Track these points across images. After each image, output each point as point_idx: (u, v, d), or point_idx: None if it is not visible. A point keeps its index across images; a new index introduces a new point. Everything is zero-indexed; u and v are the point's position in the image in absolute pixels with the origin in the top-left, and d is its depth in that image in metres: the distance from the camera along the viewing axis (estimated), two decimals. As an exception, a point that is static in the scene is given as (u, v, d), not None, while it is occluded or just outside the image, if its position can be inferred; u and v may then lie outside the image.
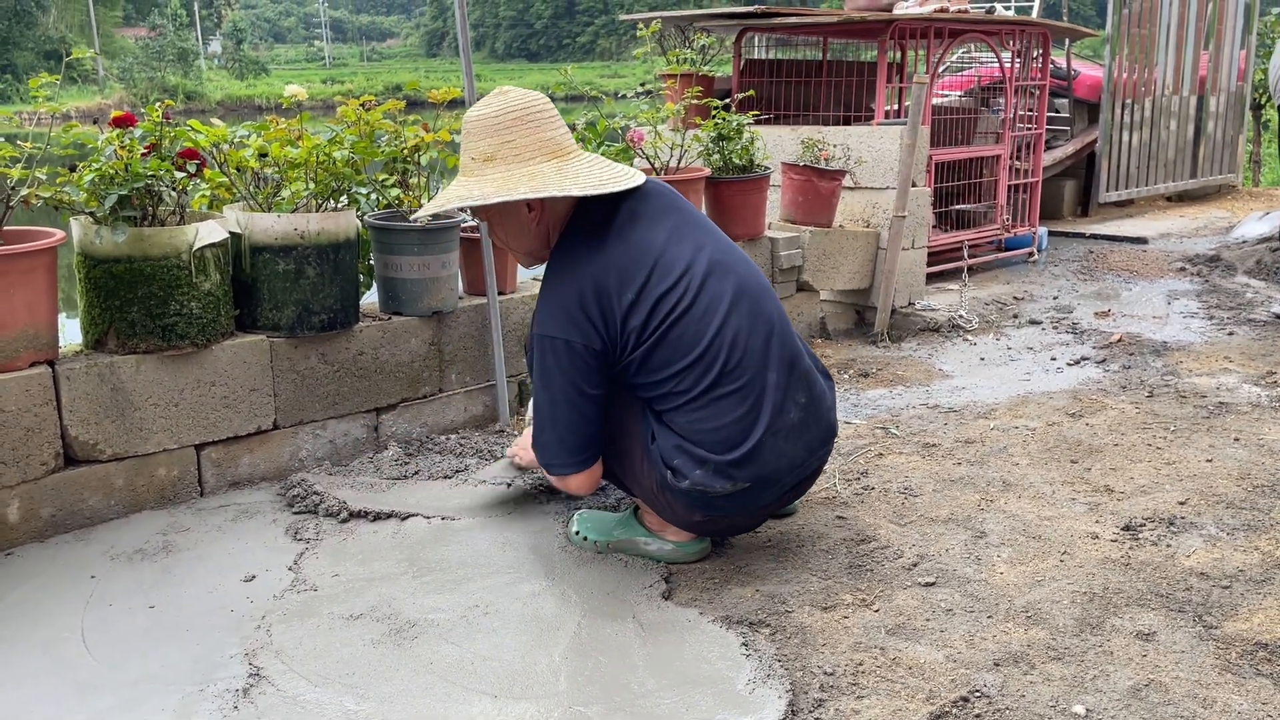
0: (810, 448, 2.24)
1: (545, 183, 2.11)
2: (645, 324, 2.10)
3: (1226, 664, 1.87)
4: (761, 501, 2.21)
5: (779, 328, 2.22)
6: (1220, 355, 3.77)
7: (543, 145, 2.16)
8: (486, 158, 2.16)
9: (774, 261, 4.04)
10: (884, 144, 4.37)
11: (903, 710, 1.76)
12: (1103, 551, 2.31)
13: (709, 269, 2.17)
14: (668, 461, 2.16)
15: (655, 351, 2.12)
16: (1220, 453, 2.82)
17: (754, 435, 2.12)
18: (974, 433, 3.11)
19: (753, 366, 2.14)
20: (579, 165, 2.18)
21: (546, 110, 2.20)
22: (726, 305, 2.15)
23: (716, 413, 2.13)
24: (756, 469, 2.14)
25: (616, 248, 2.13)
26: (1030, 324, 4.42)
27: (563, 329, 2.10)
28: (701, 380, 2.12)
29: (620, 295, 2.10)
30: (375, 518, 2.54)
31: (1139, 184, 6.81)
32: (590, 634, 2.01)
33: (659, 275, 2.12)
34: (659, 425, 2.18)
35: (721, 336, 2.12)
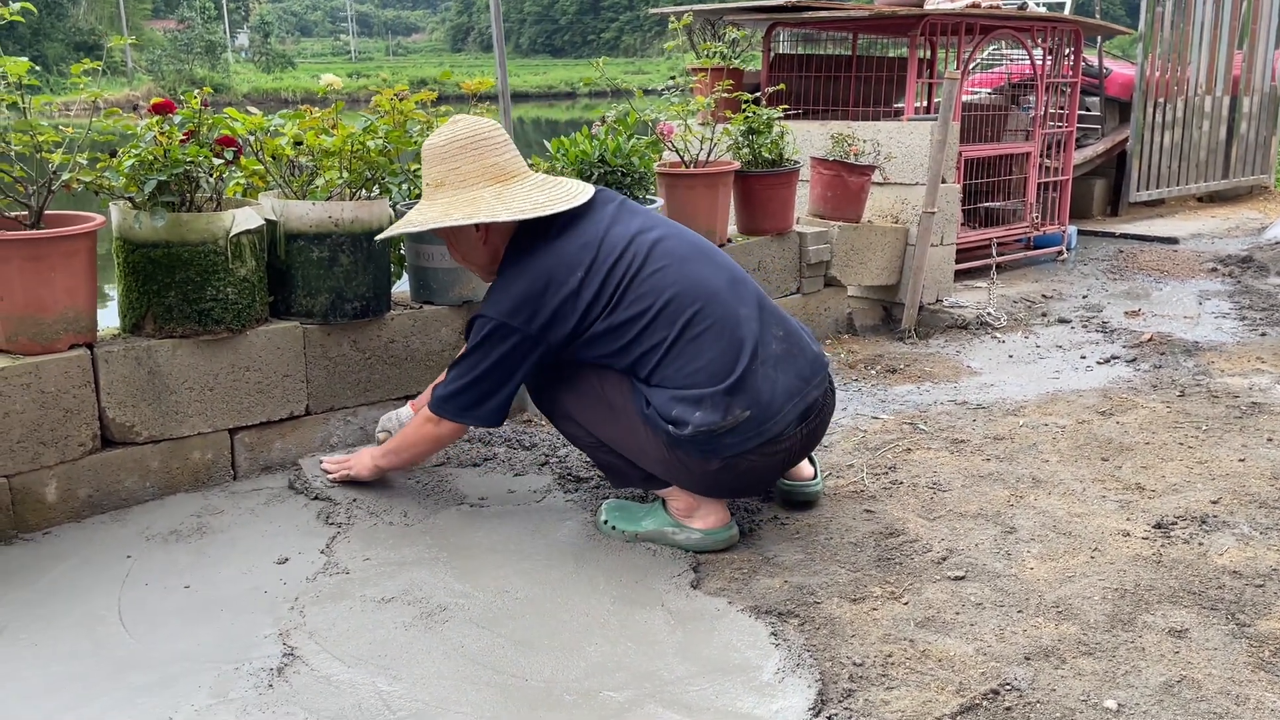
0: (803, 375, 2.29)
1: (479, 209, 2.27)
2: (600, 292, 2.24)
3: (1260, 662, 1.85)
4: (769, 433, 2.22)
5: (738, 275, 2.37)
6: (1252, 356, 3.73)
7: (485, 171, 2.32)
8: (437, 184, 2.34)
9: (802, 257, 4.04)
10: (914, 139, 4.36)
11: (932, 702, 1.76)
12: (1134, 549, 2.29)
13: (657, 236, 2.33)
14: (666, 416, 2.20)
15: (618, 312, 2.24)
16: (1253, 452, 2.80)
17: (740, 363, 2.20)
18: (1003, 429, 3.09)
19: (721, 304, 2.26)
20: (520, 189, 2.33)
21: (492, 138, 2.36)
22: (681, 258, 2.30)
23: (697, 352, 2.21)
24: (751, 395, 2.19)
25: (561, 243, 2.28)
26: (1059, 322, 4.39)
27: (505, 313, 2.25)
28: (673, 325, 2.22)
29: (569, 280, 2.23)
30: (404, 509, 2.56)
31: (1170, 184, 6.75)
32: (619, 621, 2.03)
33: (606, 250, 2.27)
34: (649, 389, 2.25)
35: (682, 283, 2.25)
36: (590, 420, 2.34)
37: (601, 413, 2.31)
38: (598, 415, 2.32)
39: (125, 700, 1.78)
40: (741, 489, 2.37)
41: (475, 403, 2.33)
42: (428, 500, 2.59)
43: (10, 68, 2.35)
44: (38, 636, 1.98)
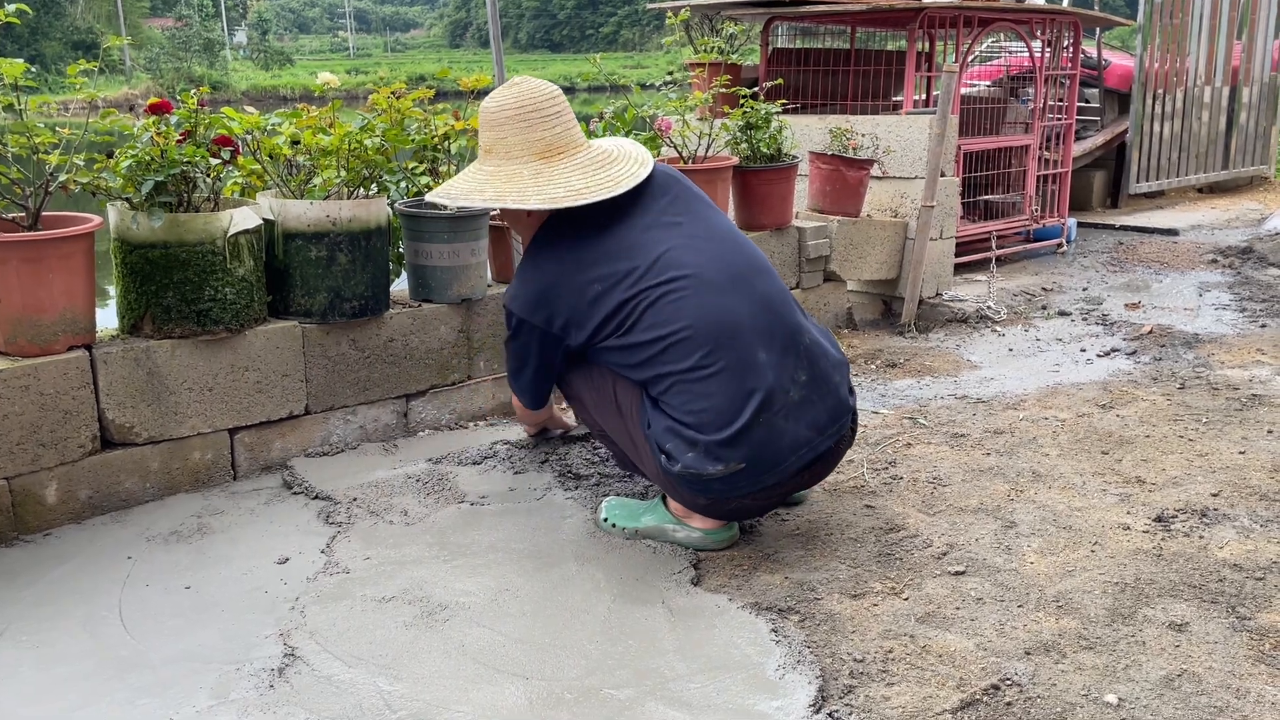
0: (817, 426, 2.21)
1: (510, 189, 2.25)
2: (615, 312, 2.19)
3: (1260, 655, 1.85)
4: (763, 484, 2.18)
5: (774, 305, 2.24)
6: (1253, 347, 3.73)
7: (531, 145, 2.28)
8: (487, 149, 2.33)
9: (801, 251, 4.04)
10: (912, 133, 4.35)
11: (933, 697, 1.76)
12: (1134, 542, 2.29)
13: (694, 252, 2.22)
14: (661, 446, 2.18)
15: (632, 334, 2.18)
16: (1253, 445, 2.79)
17: (744, 415, 2.12)
18: (1003, 423, 3.09)
19: (740, 346, 2.15)
20: (563, 168, 2.27)
21: (545, 108, 2.28)
22: (710, 285, 2.19)
23: (704, 392, 2.14)
24: (750, 449, 2.13)
25: (588, 245, 2.24)
26: (1059, 315, 4.39)
27: (523, 308, 2.28)
28: (685, 359, 2.14)
29: (585, 290, 2.21)
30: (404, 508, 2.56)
31: (1170, 175, 6.74)
32: (620, 618, 2.03)
33: (629, 265, 2.19)
34: (654, 410, 2.21)
35: (703, 317, 2.15)
36: (601, 416, 2.37)
37: (611, 412, 2.32)
38: (608, 413, 2.34)
39: (127, 701, 1.79)
40: (731, 516, 2.31)
41: (523, 389, 2.49)
42: (428, 499, 2.59)
43: (6, 69, 2.35)
44: (39, 638, 1.98)
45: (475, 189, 2.30)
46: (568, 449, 2.88)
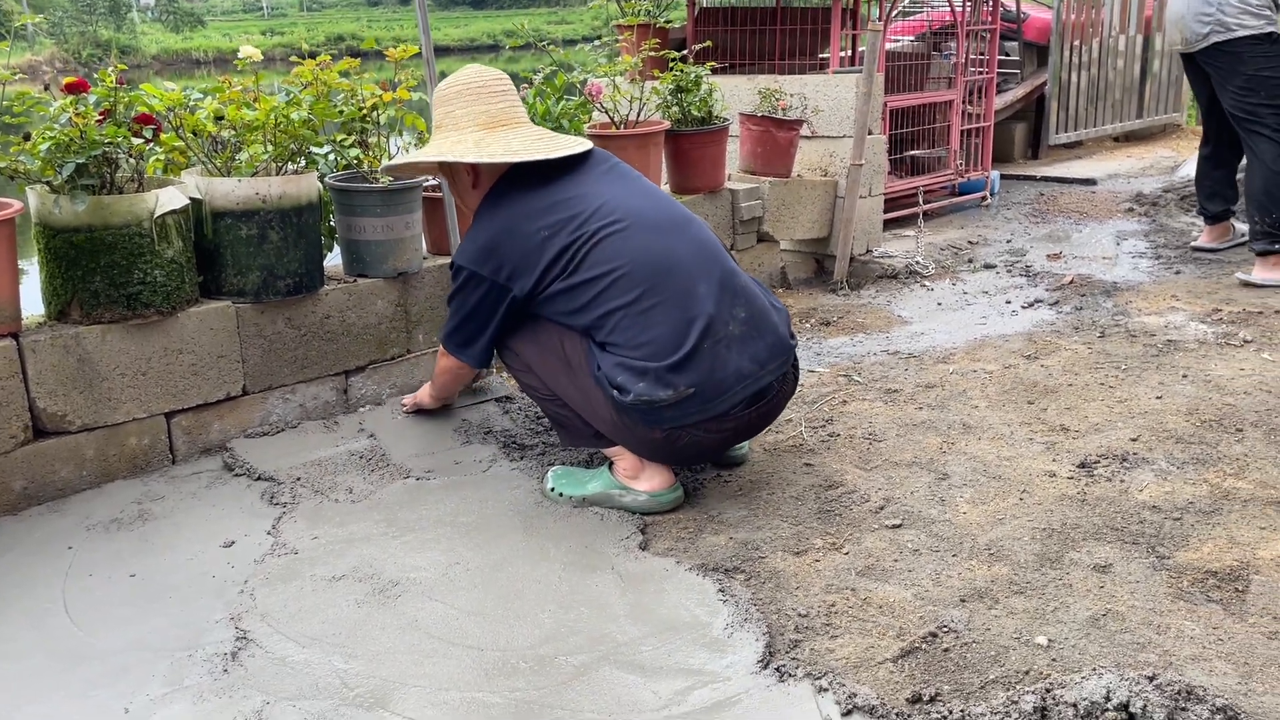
0: (758, 359, 2.30)
1: (450, 151, 2.38)
2: (561, 254, 2.29)
3: (1179, 592, 1.96)
4: (711, 411, 2.26)
5: (710, 248, 2.39)
6: (1168, 294, 3.88)
7: (475, 117, 2.41)
8: (437, 125, 2.47)
9: (735, 213, 4.07)
10: (840, 92, 4.40)
11: (874, 647, 1.84)
12: (1060, 489, 2.40)
13: (632, 203, 2.36)
14: (612, 380, 2.25)
15: (576, 274, 2.28)
16: (1170, 390, 2.92)
17: (689, 340, 2.22)
18: (934, 377, 3.18)
19: (681, 278, 2.28)
20: (504, 136, 2.41)
21: (492, 86, 2.46)
22: (649, 226, 2.33)
23: (649, 323, 2.24)
24: (697, 374, 2.22)
25: (534, 196, 2.36)
26: (985, 268, 4.51)
27: (474, 261, 2.34)
28: (627, 294, 2.25)
29: (532, 234, 2.30)
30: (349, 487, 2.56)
31: (1087, 125, 6.91)
32: (571, 586, 2.07)
33: (574, 210, 2.32)
34: (602, 353, 2.29)
35: (643, 252, 2.28)
36: (548, 374, 2.40)
37: (560, 368, 2.36)
38: (556, 370, 2.37)
39: (78, 694, 1.78)
40: (685, 459, 2.41)
41: (464, 343, 2.47)
42: (372, 475, 2.59)
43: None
44: (-18, 635, 1.95)
45: (417, 155, 2.46)
46: (512, 420, 2.90)
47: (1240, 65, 3.90)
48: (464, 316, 2.42)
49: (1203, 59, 4.04)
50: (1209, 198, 4.43)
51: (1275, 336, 3.27)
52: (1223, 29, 3.91)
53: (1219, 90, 4.06)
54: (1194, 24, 3.98)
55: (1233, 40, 3.88)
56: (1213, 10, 3.92)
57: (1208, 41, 3.96)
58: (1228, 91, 4.00)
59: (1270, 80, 3.88)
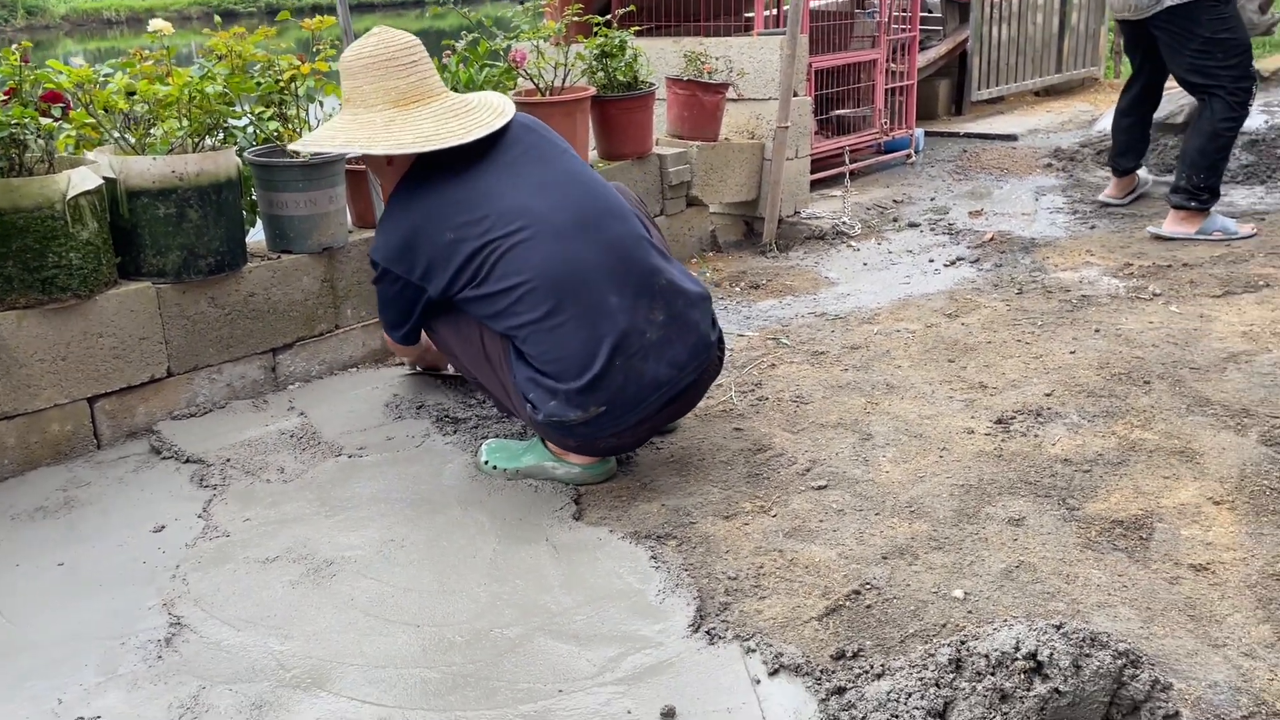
0: (677, 364, 2.27)
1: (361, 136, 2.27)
2: (469, 262, 2.22)
3: (1087, 541, 2.06)
4: (626, 423, 2.26)
5: (626, 249, 2.28)
6: (1083, 249, 4.00)
7: (385, 93, 2.30)
8: (346, 99, 2.36)
9: (663, 179, 4.09)
10: (764, 54, 4.41)
11: (801, 606, 1.91)
12: (978, 445, 2.49)
13: (544, 199, 2.25)
14: (525, 395, 2.26)
15: (487, 284, 2.22)
16: (1082, 344, 3.03)
17: (599, 360, 2.18)
18: (859, 338, 3.26)
19: (592, 291, 2.20)
20: (416, 115, 2.29)
21: (400, 58, 2.30)
22: (557, 233, 2.22)
23: (557, 341, 2.20)
24: (608, 394, 2.20)
25: (441, 192, 2.27)
26: (909, 227, 4.59)
27: (385, 256, 2.31)
28: (536, 309, 2.19)
29: (438, 238, 2.24)
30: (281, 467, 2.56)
31: (1008, 80, 7.03)
32: (506, 559, 2.10)
33: (481, 213, 2.22)
34: (517, 360, 2.27)
35: (553, 263, 2.19)
36: (470, 366, 2.42)
37: (480, 362, 2.37)
38: (477, 363, 2.38)
39: (11, 687, 1.77)
40: (604, 453, 2.39)
41: (392, 326, 2.47)
42: (304, 454, 2.59)
43: None
44: (-94, 632, 1.93)
45: (328, 136, 2.33)
46: (444, 395, 2.91)
47: (1197, 28, 3.93)
48: (386, 304, 2.43)
49: (1155, 24, 4.05)
50: (1123, 153, 4.55)
51: (1182, 289, 3.40)
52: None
53: (1171, 55, 4.08)
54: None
55: (1188, 4, 3.92)
56: None
57: (1161, 6, 3.98)
58: (1183, 55, 4.01)
59: (1227, 41, 3.91)
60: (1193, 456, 2.32)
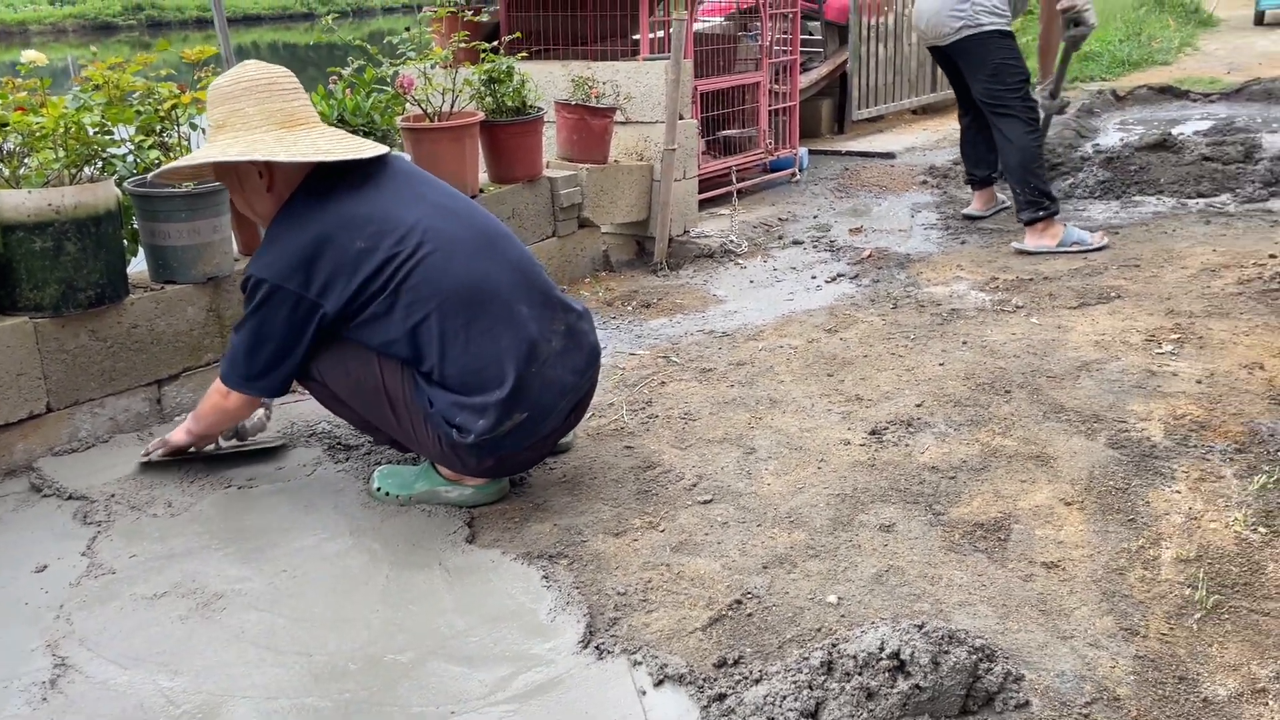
0: (577, 370, 2.39)
1: (256, 149, 2.23)
2: (377, 274, 2.22)
3: (951, 544, 2.21)
4: (543, 430, 2.36)
5: (523, 266, 2.39)
6: (954, 264, 4.22)
7: (270, 115, 2.28)
8: (219, 125, 2.29)
9: (554, 201, 4.16)
10: (650, 79, 4.53)
11: (687, 618, 1.99)
12: (853, 455, 2.62)
13: (445, 221, 2.31)
14: (450, 421, 2.27)
15: (395, 301, 2.22)
16: (951, 356, 3.21)
17: (520, 368, 2.26)
18: (745, 354, 3.38)
19: (502, 304, 2.28)
20: (306, 136, 2.29)
21: (282, 83, 2.32)
22: (464, 250, 2.29)
23: (478, 355, 2.25)
24: (531, 398, 2.29)
25: (343, 204, 2.26)
26: (794, 244, 4.76)
27: (278, 273, 2.21)
28: (452, 325, 2.23)
29: (348, 245, 2.21)
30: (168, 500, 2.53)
31: (887, 100, 7.32)
32: (398, 585, 2.13)
33: (388, 229, 2.24)
34: (432, 389, 2.28)
35: (463, 280, 2.25)
36: (364, 405, 2.37)
37: (377, 400, 2.33)
38: (372, 402, 2.34)
39: (-116, 740, 1.73)
40: (511, 471, 2.47)
41: (258, 372, 2.30)
42: (192, 486, 2.57)
43: None
44: None
45: (215, 152, 2.26)
46: (338, 420, 2.91)
47: (988, 55, 4.39)
48: (259, 340, 2.25)
49: (952, 51, 4.50)
50: (974, 164, 4.91)
51: (1042, 302, 3.63)
52: (974, 24, 4.36)
53: (970, 78, 4.55)
54: (947, 19, 4.43)
55: (982, 34, 4.35)
56: (965, 8, 4.37)
57: (959, 35, 4.38)
58: (978, 80, 4.47)
59: (1012, 67, 4.39)
60: (1047, 461, 2.50)
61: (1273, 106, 6.84)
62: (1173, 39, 10.70)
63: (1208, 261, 3.89)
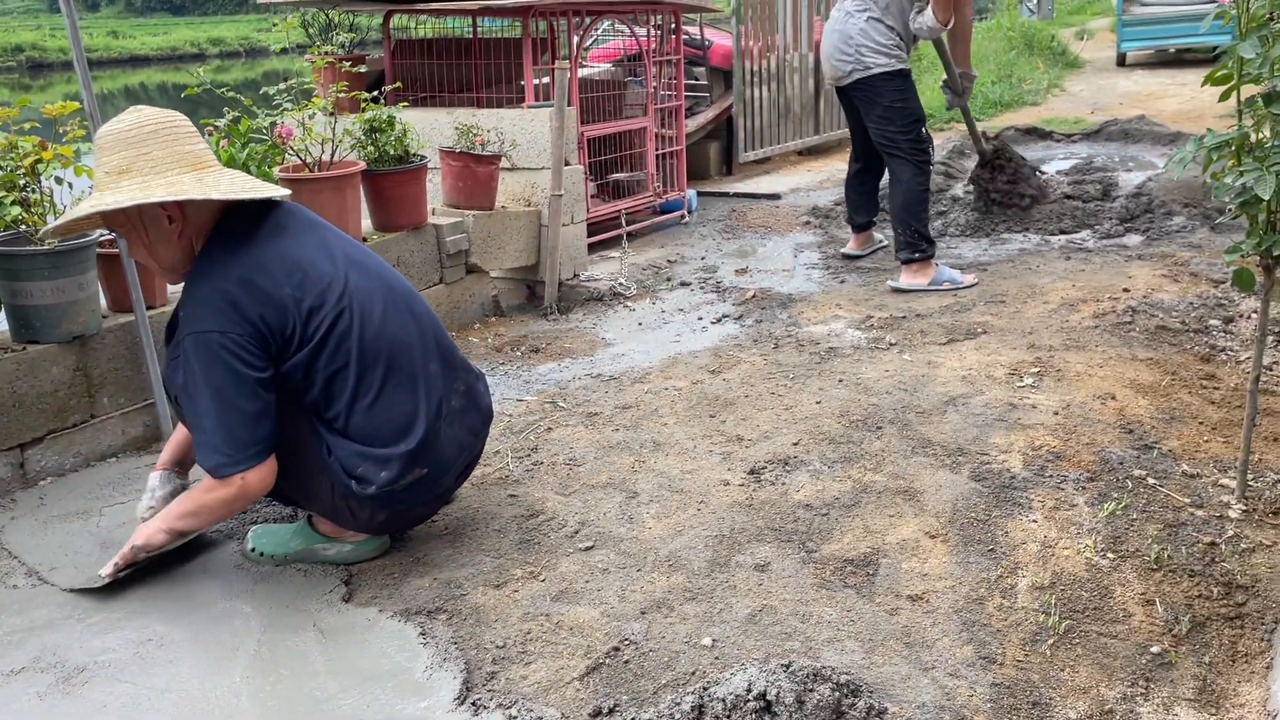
0: (473, 429, 2.47)
1: (184, 189, 2.15)
2: (304, 325, 2.20)
3: (822, 581, 2.27)
4: (439, 488, 2.40)
5: (433, 325, 2.45)
6: (833, 303, 4.35)
7: (180, 158, 2.21)
8: (121, 170, 2.17)
9: (441, 248, 4.16)
10: (535, 126, 4.59)
11: (564, 668, 2.01)
12: (732, 496, 2.68)
13: (359, 276, 2.33)
14: (351, 471, 2.26)
15: (319, 355, 2.22)
16: (827, 394, 3.31)
17: (425, 422, 2.30)
18: (631, 398, 3.43)
19: (415, 360, 2.34)
20: (221, 177, 2.26)
21: (185, 126, 2.28)
22: (381, 308, 2.32)
23: (388, 406, 2.27)
24: (433, 454, 2.33)
25: (265, 250, 2.22)
26: (681, 285, 4.85)
27: (216, 323, 2.11)
28: (368, 375, 2.25)
29: (275, 291, 2.17)
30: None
31: (772, 142, 7.53)
32: (270, 649, 2.10)
33: (311, 282, 2.22)
34: (334, 437, 2.27)
35: (382, 335, 2.29)
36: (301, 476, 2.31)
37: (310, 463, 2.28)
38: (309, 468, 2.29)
39: None
40: (400, 528, 2.47)
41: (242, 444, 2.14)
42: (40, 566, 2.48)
43: None
44: None
45: (133, 194, 2.11)
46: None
47: (878, 98, 4.46)
48: (223, 402, 2.11)
49: (850, 92, 4.58)
50: (855, 210, 5.04)
51: (914, 339, 3.77)
52: (862, 68, 4.45)
53: (865, 119, 4.62)
54: (838, 62, 4.50)
55: (870, 77, 4.43)
56: (851, 51, 4.45)
57: (851, 78, 4.49)
58: (871, 120, 4.56)
59: (903, 110, 4.47)
60: (914, 495, 2.59)
61: (1129, 146, 7.27)
62: (1042, 80, 11.27)
63: (1067, 296, 4.10)
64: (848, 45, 4.46)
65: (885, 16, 4.42)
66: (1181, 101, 9.35)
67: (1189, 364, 3.33)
